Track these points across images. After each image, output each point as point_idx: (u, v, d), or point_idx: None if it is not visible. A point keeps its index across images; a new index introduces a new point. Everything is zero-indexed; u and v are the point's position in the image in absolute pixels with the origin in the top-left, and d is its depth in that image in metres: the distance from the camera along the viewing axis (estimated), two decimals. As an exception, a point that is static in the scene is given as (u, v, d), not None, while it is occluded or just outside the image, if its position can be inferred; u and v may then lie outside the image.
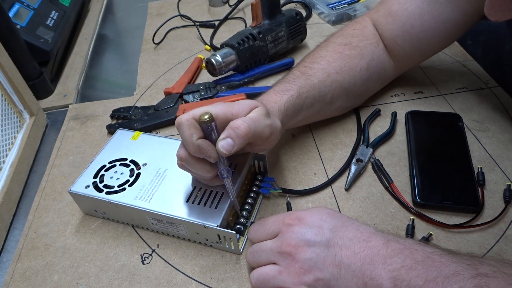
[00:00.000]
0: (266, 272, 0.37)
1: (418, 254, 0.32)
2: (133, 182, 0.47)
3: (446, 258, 0.31)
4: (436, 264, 0.31)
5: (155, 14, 0.93)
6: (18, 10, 0.72)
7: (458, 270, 0.30)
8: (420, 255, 0.32)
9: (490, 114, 0.58)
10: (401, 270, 0.32)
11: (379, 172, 0.51)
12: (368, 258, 0.33)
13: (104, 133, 0.62)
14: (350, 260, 0.34)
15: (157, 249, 0.46)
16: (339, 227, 0.36)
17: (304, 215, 0.38)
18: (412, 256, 0.32)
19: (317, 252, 0.35)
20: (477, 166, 0.50)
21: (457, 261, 0.31)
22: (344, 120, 0.60)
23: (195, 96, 0.66)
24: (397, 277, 0.32)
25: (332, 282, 0.34)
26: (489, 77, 0.65)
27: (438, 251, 0.33)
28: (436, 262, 0.31)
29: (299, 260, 0.35)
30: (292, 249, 0.36)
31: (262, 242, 0.39)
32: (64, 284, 0.43)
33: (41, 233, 0.49)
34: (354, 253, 0.34)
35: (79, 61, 0.81)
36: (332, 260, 0.34)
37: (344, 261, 0.34)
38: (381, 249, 0.34)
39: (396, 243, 0.34)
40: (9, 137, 0.57)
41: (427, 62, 0.69)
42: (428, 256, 0.32)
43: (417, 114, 0.58)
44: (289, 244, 0.36)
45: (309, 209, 0.40)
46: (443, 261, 0.31)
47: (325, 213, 0.38)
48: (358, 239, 0.35)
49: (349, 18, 0.83)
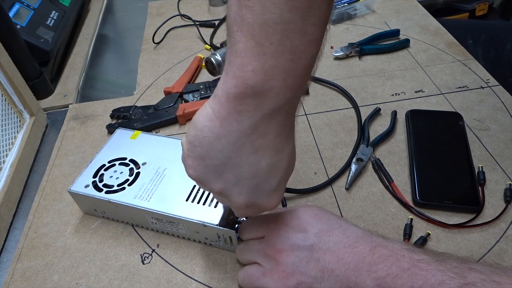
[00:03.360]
0: (251, 273, 0.38)
1: (404, 261, 0.32)
2: (133, 182, 0.47)
3: (433, 267, 0.31)
4: (423, 272, 0.31)
5: (155, 14, 0.93)
6: (18, 10, 0.72)
7: (445, 279, 0.30)
8: (406, 263, 0.31)
9: (490, 113, 0.58)
10: (386, 278, 0.31)
11: (379, 172, 0.51)
12: (352, 264, 0.33)
13: (104, 133, 0.62)
14: (334, 265, 0.34)
15: (157, 249, 0.46)
16: (325, 231, 0.36)
17: (290, 217, 0.38)
18: (398, 263, 0.32)
19: (301, 256, 0.35)
20: (477, 165, 0.50)
21: (445, 270, 0.30)
22: (344, 119, 0.60)
23: (195, 95, 0.66)
24: (382, 285, 0.31)
25: (315, 285, 0.34)
26: (490, 76, 0.64)
27: (426, 258, 0.32)
28: (422, 271, 0.31)
29: (282, 263, 0.35)
30: (276, 252, 0.36)
31: (250, 241, 0.40)
32: (64, 284, 0.43)
33: (41, 233, 0.49)
34: (338, 259, 0.34)
35: (79, 61, 0.81)
36: (315, 265, 0.34)
37: (328, 266, 0.34)
38: (367, 255, 0.33)
39: (383, 248, 0.33)
40: (9, 137, 0.57)
41: (427, 61, 0.69)
42: (415, 264, 0.31)
43: (417, 113, 0.58)
44: (274, 247, 0.36)
45: (297, 209, 0.39)
46: (430, 270, 0.31)
47: (312, 216, 0.37)
48: (343, 244, 0.34)
49: (350, 18, 0.83)
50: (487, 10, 1.69)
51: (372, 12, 0.85)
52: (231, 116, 0.28)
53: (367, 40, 0.74)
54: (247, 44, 0.26)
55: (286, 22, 0.25)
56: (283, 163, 0.32)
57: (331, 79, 0.67)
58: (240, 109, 0.28)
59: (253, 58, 0.26)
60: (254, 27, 0.25)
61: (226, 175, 0.32)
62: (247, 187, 0.32)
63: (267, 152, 0.30)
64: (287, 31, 0.25)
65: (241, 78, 0.27)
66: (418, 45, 0.74)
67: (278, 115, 0.29)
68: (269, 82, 0.27)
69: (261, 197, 0.33)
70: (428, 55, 0.71)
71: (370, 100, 0.63)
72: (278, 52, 0.26)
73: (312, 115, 0.61)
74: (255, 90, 0.27)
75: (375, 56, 0.72)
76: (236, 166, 0.31)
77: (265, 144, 0.30)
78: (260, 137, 0.29)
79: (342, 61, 0.72)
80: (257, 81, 0.26)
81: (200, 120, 0.30)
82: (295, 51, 0.26)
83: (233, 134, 0.29)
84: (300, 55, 0.26)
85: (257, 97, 0.27)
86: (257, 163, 0.31)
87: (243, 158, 0.30)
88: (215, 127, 0.29)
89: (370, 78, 0.67)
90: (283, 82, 0.27)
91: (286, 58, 0.26)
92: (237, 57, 0.26)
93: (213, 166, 0.31)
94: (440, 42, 0.74)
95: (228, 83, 0.27)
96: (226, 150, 0.30)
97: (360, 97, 0.63)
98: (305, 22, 0.25)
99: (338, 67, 0.71)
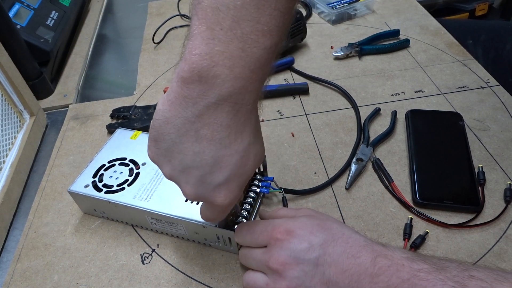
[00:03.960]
0: (255, 281, 0.38)
1: (404, 271, 0.32)
2: (132, 182, 0.47)
3: (433, 276, 0.31)
4: (422, 283, 0.30)
5: (155, 14, 0.93)
6: (18, 10, 0.72)
7: None
8: (406, 273, 0.31)
9: (490, 113, 0.58)
10: None
11: (379, 171, 0.51)
12: (355, 276, 0.33)
13: (104, 133, 0.62)
14: (338, 278, 0.33)
15: (157, 249, 0.46)
16: (329, 242, 0.35)
17: (294, 227, 0.37)
18: (398, 274, 0.32)
19: (306, 270, 0.35)
20: (477, 165, 0.50)
21: (445, 279, 0.30)
22: (344, 119, 0.60)
23: (195, 95, 0.66)
24: None
25: None
26: (490, 76, 0.64)
27: (426, 267, 0.32)
28: (422, 281, 0.31)
29: (287, 277, 0.35)
30: (280, 266, 0.35)
31: (252, 249, 0.39)
32: (64, 284, 0.43)
33: (41, 233, 0.49)
34: (342, 271, 0.34)
35: (79, 61, 0.81)
36: (320, 278, 0.34)
37: (333, 278, 0.34)
38: (369, 267, 0.33)
39: (383, 258, 0.33)
40: (9, 137, 0.57)
41: (427, 61, 0.69)
42: (414, 275, 0.31)
43: (417, 113, 0.58)
44: (277, 260, 0.35)
45: (298, 218, 0.38)
46: (430, 280, 0.30)
47: (315, 225, 0.37)
48: (347, 255, 0.34)
49: (350, 18, 0.83)
50: (487, 10, 1.69)
51: (372, 12, 0.85)
52: (178, 100, 0.28)
53: (367, 40, 0.74)
54: (199, 28, 0.26)
55: (238, 8, 0.24)
56: (231, 159, 0.31)
57: (331, 79, 0.67)
58: (185, 94, 0.28)
59: (202, 42, 0.26)
60: (207, 10, 0.25)
61: (173, 161, 0.32)
62: (193, 177, 0.32)
63: (212, 144, 0.30)
64: (238, 18, 0.25)
65: (188, 61, 0.26)
66: (418, 45, 0.74)
67: (225, 105, 0.28)
68: (215, 68, 0.26)
69: (207, 190, 0.33)
70: (428, 55, 0.71)
71: (370, 100, 0.63)
72: (227, 38, 0.25)
73: (312, 115, 0.61)
74: (200, 75, 0.26)
75: (375, 56, 0.72)
76: (181, 153, 0.31)
77: (210, 135, 0.29)
78: (205, 126, 0.29)
79: (342, 61, 0.72)
80: (203, 65, 0.26)
81: (158, 103, 0.31)
82: (245, 39, 0.26)
83: (178, 119, 0.29)
84: (250, 44, 0.26)
85: (203, 83, 0.27)
86: (201, 153, 0.30)
87: (187, 145, 0.30)
88: (165, 111, 0.29)
89: (370, 78, 0.67)
90: (230, 70, 0.26)
91: (235, 45, 0.26)
92: (189, 40, 0.26)
93: (163, 150, 0.32)
94: (440, 42, 0.74)
95: (179, 67, 0.27)
96: (172, 135, 0.30)
97: (360, 97, 0.63)
98: (259, 11, 0.25)
99: (338, 67, 0.71)
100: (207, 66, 0.26)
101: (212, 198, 0.33)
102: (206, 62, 0.26)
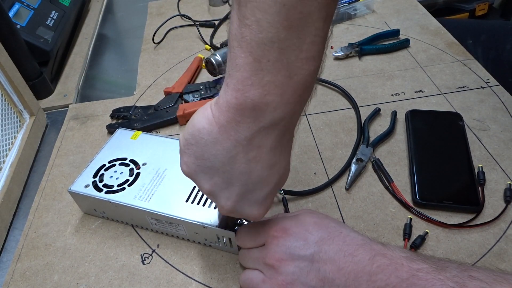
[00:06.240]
0: (252, 278, 0.38)
1: (403, 271, 0.32)
2: (133, 182, 0.47)
3: (432, 276, 0.31)
4: (422, 282, 0.30)
5: (155, 14, 0.93)
6: (18, 10, 0.72)
7: None
8: (405, 272, 0.31)
9: (490, 113, 0.58)
10: None
11: (379, 172, 0.51)
12: (353, 274, 0.33)
13: (104, 133, 0.62)
14: (334, 275, 0.34)
15: (157, 249, 0.46)
16: (325, 240, 0.36)
17: (290, 225, 0.38)
18: (397, 273, 0.32)
19: (301, 266, 0.35)
20: (477, 165, 0.50)
21: (444, 279, 0.30)
22: (344, 119, 0.60)
23: (195, 95, 0.66)
24: None
25: None
26: (490, 76, 0.64)
27: (425, 267, 0.32)
28: (421, 280, 0.31)
29: (282, 273, 0.35)
30: (276, 262, 0.36)
31: (250, 249, 0.40)
32: (64, 284, 0.43)
33: (41, 233, 0.49)
34: (338, 268, 0.34)
35: (79, 61, 0.81)
36: (315, 274, 0.34)
37: (328, 275, 0.34)
38: (367, 265, 0.33)
39: (382, 257, 0.33)
40: (9, 137, 0.57)
41: (427, 61, 0.69)
42: (414, 274, 0.31)
43: (417, 113, 0.58)
44: (273, 257, 0.36)
45: (296, 216, 0.39)
46: (429, 279, 0.30)
47: (312, 223, 0.37)
48: (344, 253, 0.34)
49: (349, 18, 0.83)
50: (487, 10, 1.69)
51: (372, 12, 0.85)
52: (230, 124, 0.29)
53: (367, 40, 0.74)
54: (246, 59, 0.27)
55: (282, 40, 0.26)
56: (273, 178, 0.33)
57: (331, 79, 0.67)
58: (238, 120, 0.29)
59: (252, 73, 0.27)
60: (252, 44, 0.26)
61: (217, 178, 0.33)
62: (235, 194, 0.33)
63: (259, 165, 0.31)
64: (283, 49, 0.26)
65: (240, 91, 0.28)
66: (418, 45, 0.74)
67: (275, 129, 0.30)
68: (267, 97, 0.27)
69: (246, 206, 0.34)
70: (428, 55, 0.71)
71: (370, 100, 0.63)
72: (275, 69, 0.27)
73: (312, 115, 0.61)
74: (254, 104, 0.28)
75: (375, 56, 0.72)
76: (227, 172, 0.32)
77: (259, 157, 0.31)
78: (255, 149, 0.30)
79: (342, 61, 0.72)
80: (256, 95, 0.27)
81: (200, 120, 0.31)
82: (291, 67, 0.27)
83: (229, 142, 0.30)
84: (296, 72, 0.27)
85: (256, 110, 0.28)
86: (248, 173, 0.31)
87: (235, 166, 0.31)
88: (213, 131, 0.30)
89: (370, 78, 0.67)
90: (280, 97, 0.28)
91: (283, 74, 0.27)
92: (237, 71, 0.27)
93: (205, 168, 0.32)
94: (440, 42, 0.74)
95: (229, 94, 0.28)
96: (220, 156, 0.31)
97: (360, 97, 0.63)
98: (300, 41, 0.26)
99: (338, 67, 0.71)
100: (259, 95, 0.27)
101: (249, 212, 0.35)
102: (258, 92, 0.27)
